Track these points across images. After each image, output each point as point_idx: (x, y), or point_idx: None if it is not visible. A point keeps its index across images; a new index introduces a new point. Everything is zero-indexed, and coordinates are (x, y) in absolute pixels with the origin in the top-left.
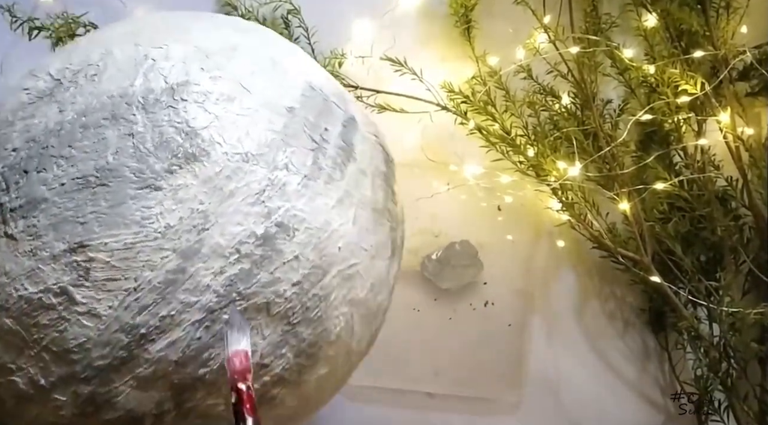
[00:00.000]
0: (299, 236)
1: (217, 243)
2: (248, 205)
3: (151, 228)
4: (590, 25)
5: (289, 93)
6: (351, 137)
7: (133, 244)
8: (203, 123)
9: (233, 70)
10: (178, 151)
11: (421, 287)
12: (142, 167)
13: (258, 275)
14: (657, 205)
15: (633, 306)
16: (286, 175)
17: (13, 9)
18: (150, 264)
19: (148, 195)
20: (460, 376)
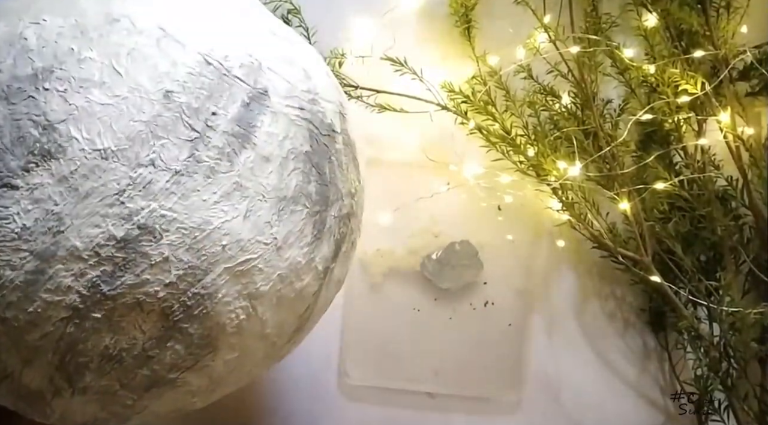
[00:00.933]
0: (169, 236)
1: (74, 246)
2: (106, 206)
3: (9, 229)
4: (590, 24)
5: (171, 73)
6: (253, 117)
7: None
8: (61, 116)
9: (107, 48)
10: (35, 147)
11: (421, 287)
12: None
13: (122, 278)
14: (657, 205)
15: (633, 306)
16: (152, 172)
17: None
18: (10, 264)
19: (4, 194)
20: (460, 376)
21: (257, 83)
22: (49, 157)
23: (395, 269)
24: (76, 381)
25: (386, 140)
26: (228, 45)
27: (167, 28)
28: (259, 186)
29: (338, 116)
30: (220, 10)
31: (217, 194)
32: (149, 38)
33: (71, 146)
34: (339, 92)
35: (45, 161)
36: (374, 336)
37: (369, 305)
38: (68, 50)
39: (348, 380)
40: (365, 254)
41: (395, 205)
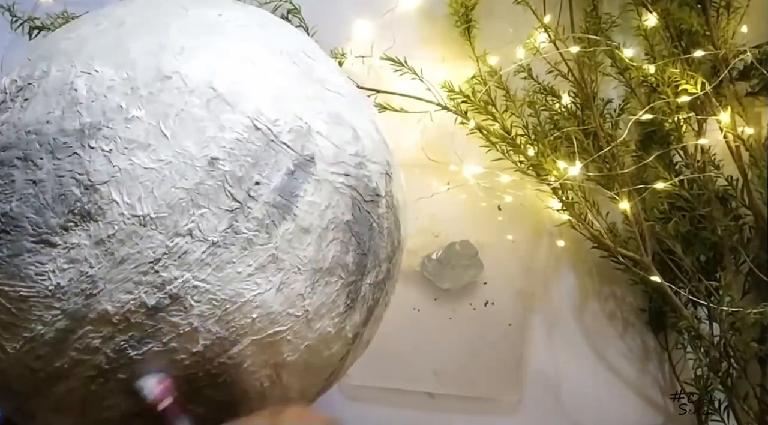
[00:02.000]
0: (200, 307)
1: (105, 309)
2: (140, 273)
3: (43, 285)
4: (590, 24)
5: (218, 138)
6: (296, 186)
7: (27, 297)
8: (104, 177)
9: (156, 108)
10: (75, 206)
11: (421, 287)
12: (39, 220)
13: (150, 344)
14: (657, 205)
15: (633, 306)
16: (188, 242)
17: (13, 8)
18: (42, 320)
19: (42, 250)
20: (460, 376)
21: (304, 150)
22: (89, 218)
23: None
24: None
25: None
26: (278, 107)
27: (218, 87)
28: (295, 259)
29: (384, 178)
30: (272, 63)
31: (252, 266)
32: (199, 99)
33: (111, 209)
34: (386, 150)
35: (84, 221)
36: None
37: None
38: (117, 107)
39: (348, 380)
40: None
41: None
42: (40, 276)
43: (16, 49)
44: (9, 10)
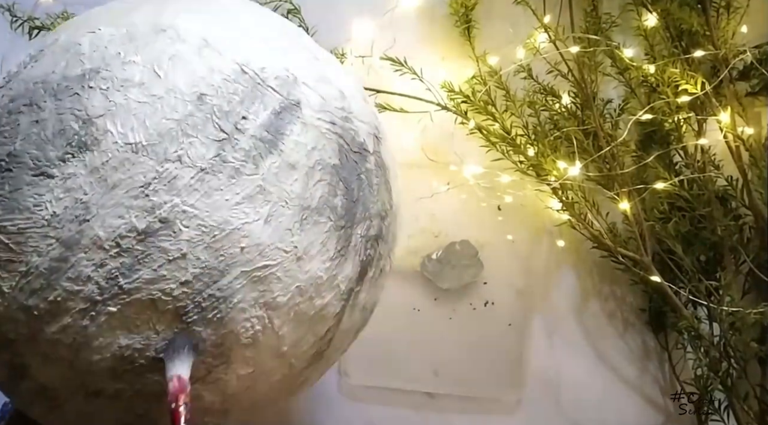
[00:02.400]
0: (188, 232)
1: (97, 235)
2: (131, 198)
3: (40, 215)
4: (590, 24)
5: (206, 78)
6: (283, 125)
7: (24, 229)
8: (100, 111)
9: (150, 54)
10: (73, 139)
11: (421, 287)
12: (39, 155)
13: (140, 272)
14: (657, 205)
15: (633, 306)
16: (178, 168)
17: (13, 8)
18: (38, 250)
19: (41, 183)
20: (460, 376)
21: (290, 95)
22: (85, 149)
23: (395, 269)
24: (89, 384)
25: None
26: (266, 58)
27: (210, 38)
28: (282, 192)
29: (372, 138)
30: (268, 30)
31: (239, 195)
32: (191, 47)
33: (105, 139)
34: (375, 118)
35: (81, 152)
36: (374, 336)
37: None
38: (115, 54)
39: (348, 380)
40: None
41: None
42: (38, 207)
43: (16, 49)
44: (9, 10)
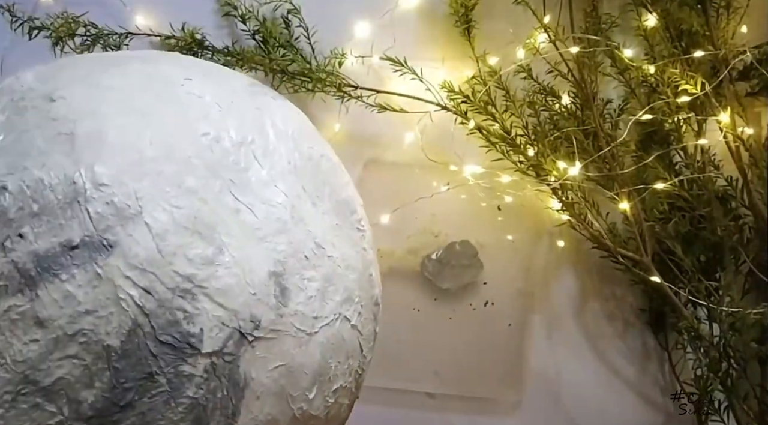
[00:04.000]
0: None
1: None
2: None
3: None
4: (590, 24)
5: (27, 171)
6: (63, 266)
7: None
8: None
9: (13, 118)
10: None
11: (421, 287)
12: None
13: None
14: (657, 205)
15: (633, 306)
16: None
17: (13, 9)
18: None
19: None
20: (460, 376)
21: (107, 232)
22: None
23: (395, 269)
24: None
25: (386, 140)
26: (124, 176)
27: (82, 125)
28: (8, 348)
29: (233, 336)
30: (171, 134)
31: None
32: (56, 125)
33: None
34: (272, 312)
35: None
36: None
37: None
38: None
39: None
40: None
41: (395, 205)
42: None
43: (16, 49)
44: (9, 10)
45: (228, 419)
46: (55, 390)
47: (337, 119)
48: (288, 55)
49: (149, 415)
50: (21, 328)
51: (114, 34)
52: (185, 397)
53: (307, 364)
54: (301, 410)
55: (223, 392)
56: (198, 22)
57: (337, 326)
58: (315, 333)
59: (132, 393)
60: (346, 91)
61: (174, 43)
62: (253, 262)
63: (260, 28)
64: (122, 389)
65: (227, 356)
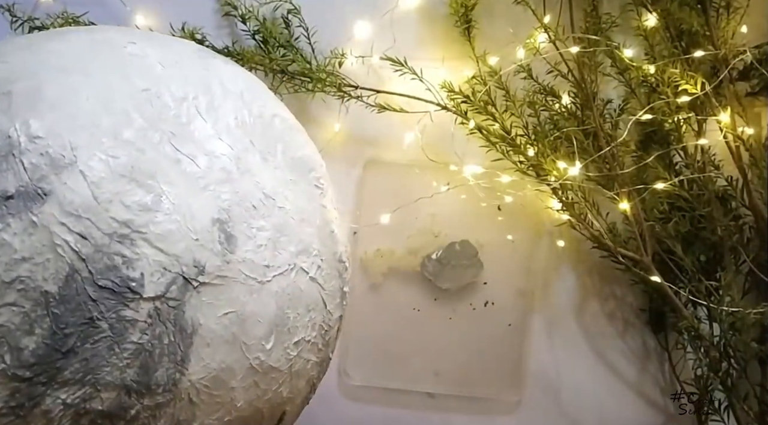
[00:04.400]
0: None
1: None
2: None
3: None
4: (590, 24)
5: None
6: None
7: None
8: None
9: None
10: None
11: (421, 287)
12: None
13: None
14: (657, 205)
15: (633, 306)
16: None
17: (13, 8)
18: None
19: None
20: (460, 376)
21: (43, 182)
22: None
23: (395, 269)
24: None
25: (386, 140)
26: (59, 128)
27: (20, 82)
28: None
29: (176, 280)
30: (113, 94)
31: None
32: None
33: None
34: (218, 257)
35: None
36: (374, 336)
37: (369, 305)
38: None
39: (348, 380)
40: (365, 254)
41: (395, 205)
42: None
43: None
44: (9, 10)
45: (177, 365)
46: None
47: (337, 118)
48: (288, 55)
49: (93, 361)
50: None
51: None
52: (129, 342)
53: (261, 313)
54: (258, 360)
55: (169, 338)
56: (198, 22)
57: (292, 276)
58: (267, 281)
59: (73, 338)
60: (346, 91)
61: None
62: (194, 209)
63: (260, 28)
64: (63, 335)
65: (171, 301)
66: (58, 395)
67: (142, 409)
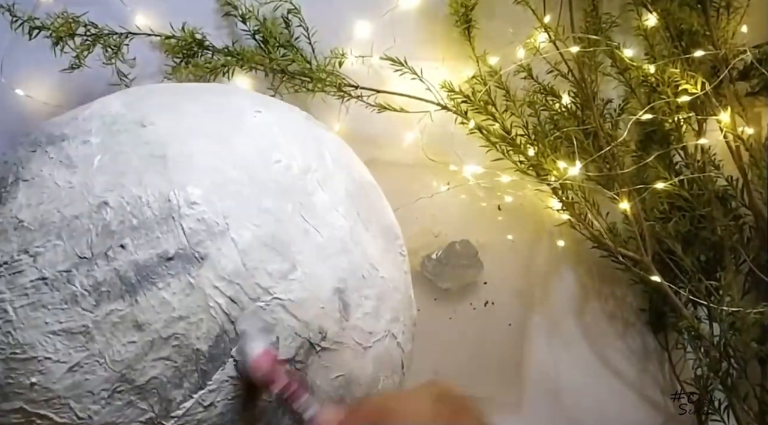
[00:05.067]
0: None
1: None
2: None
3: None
4: (590, 24)
5: (126, 188)
6: (160, 274)
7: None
8: (27, 176)
9: (109, 141)
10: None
11: (421, 287)
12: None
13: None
14: (657, 205)
15: (633, 306)
16: (28, 264)
17: (13, 8)
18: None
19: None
20: (460, 376)
21: (199, 245)
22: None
23: None
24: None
25: (386, 140)
26: (212, 195)
27: (172, 149)
28: (107, 348)
29: (301, 344)
30: (254, 168)
31: (62, 324)
32: (147, 150)
33: (9, 202)
34: (336, 323)
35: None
36: None
37: None
38: (85, 129)
39: None
40: None
41: (395, 205)
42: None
43: (16, 49)
44: (9, 10)
45: (295, 424)
46: (148, 388)
47: (337, 118)
48: (288, 55)
49: (227, 416)
50: (121, 330)
51: (114, 34)
52: (261, 400)
53: (362, 376)
54: None
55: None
56: (198, 22)
57: (386, 342)
58: (369, 347)
59: (215, 394)
60: (346, 91)
61: (174, 43)
62: (320, 278)
63: (260, 28)
64: (208, 390)
65: (298, 363)
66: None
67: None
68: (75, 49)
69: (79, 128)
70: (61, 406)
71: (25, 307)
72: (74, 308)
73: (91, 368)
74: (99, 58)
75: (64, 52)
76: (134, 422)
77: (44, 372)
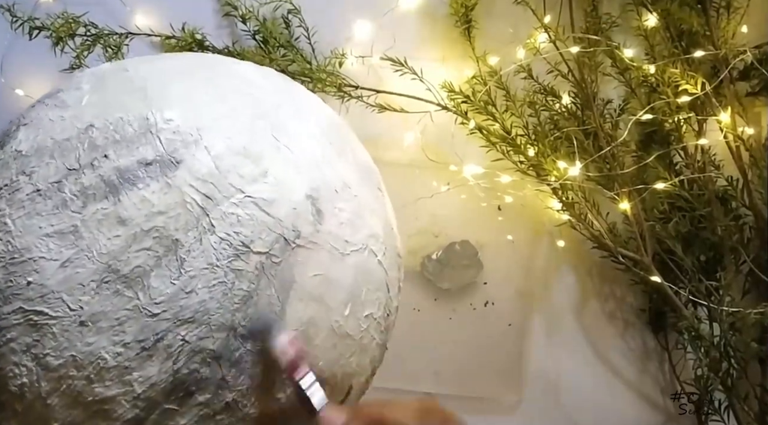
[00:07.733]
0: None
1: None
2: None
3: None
4: (590, 24)
5: (109, 112)
6: (139, 177)
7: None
8: (26, 121)
9: (97, 81)
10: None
11: (421, 287)
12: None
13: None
14: (657, 205)
15: (633, 306)
16: (25, 182)
17: (13, 8)
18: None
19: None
20: (460, 376)
21: (175, 152)
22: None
23: None
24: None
25: (386, 140)
26: (186, 114)
27: (153, 84)
28: (94, 242)
29: (279, 241)
30: (235, 93)
31: (53, 227)
32: (131, 83)
33: (10, 143)
34: (312, 224)
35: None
36: None
37: None
38: (77, 81)
39: None
40: None
41: (395, 205)
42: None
43: (16, 49)
44: (9, 10)
45: (276, 315)
46: (133, 277)
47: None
48: (288, 55)
49: (209, 303)
50: (106, 226)
51: (114, 34)
52: (239, 289)
53: (342, 280)
54: (337, 323)
55: (271, 289)
56: (198, 22)
57: (365, 255)
58: (347, 254)
59: (195, 280)
60: (346, 91)
61: (174, 43)
62: (292, 184)
63: (260, 28)
64: (188, 277)
65: (274, 257)
66: (179, 331)
67: (245, 353)
68: (75, 50)
69: (72, 82)
70: (55, 300)
71: (22, 217)
72: (64, 211)
73: (80, 262)
74: (99, 58)
75: (64, 52)
76: (121, 310)
77: (38, 271)
